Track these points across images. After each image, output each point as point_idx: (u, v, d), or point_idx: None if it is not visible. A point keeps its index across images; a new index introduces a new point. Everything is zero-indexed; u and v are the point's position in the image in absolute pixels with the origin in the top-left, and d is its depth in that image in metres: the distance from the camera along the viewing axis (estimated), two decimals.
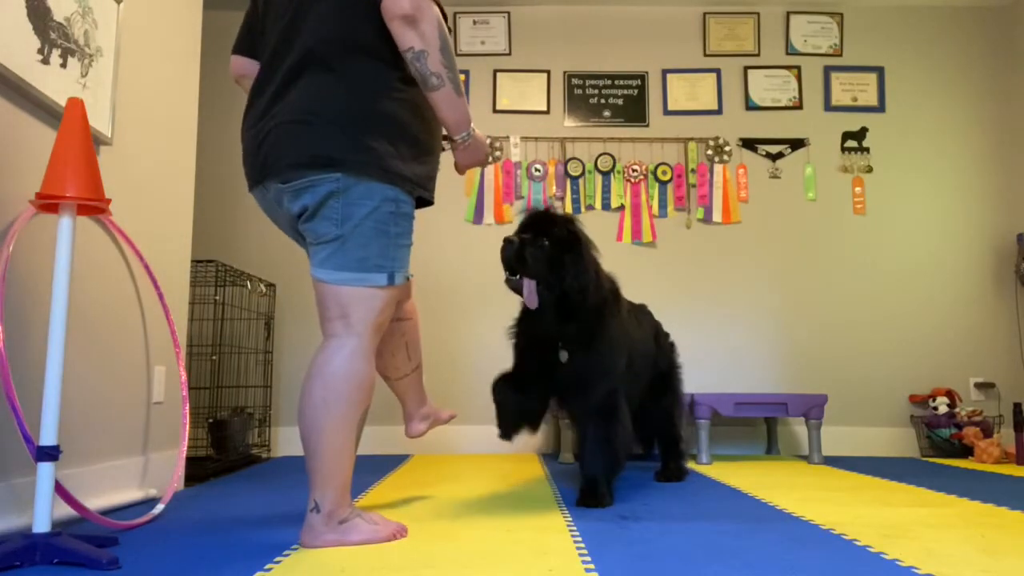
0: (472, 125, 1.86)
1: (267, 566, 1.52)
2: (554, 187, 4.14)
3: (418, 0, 1.67)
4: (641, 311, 2.89)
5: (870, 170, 4.19)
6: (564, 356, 2.32)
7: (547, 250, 2.22)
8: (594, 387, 2.33)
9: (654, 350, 2.82)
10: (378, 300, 1.76)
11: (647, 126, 4.22)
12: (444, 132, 1.90)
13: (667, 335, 3.04)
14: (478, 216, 4.12)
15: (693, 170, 4.16)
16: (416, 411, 2.34)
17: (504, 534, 1.85)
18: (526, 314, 2.37)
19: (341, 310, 1.73)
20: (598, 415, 2.32)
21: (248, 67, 1.94)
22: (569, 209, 4.11)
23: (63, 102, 1.75)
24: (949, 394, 3.89)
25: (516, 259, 2.19)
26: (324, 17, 1.74)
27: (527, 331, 2.42)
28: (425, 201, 1.90)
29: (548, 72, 4.25)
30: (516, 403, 2.41)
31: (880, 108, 4.23)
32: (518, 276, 2.21)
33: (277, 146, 1.73)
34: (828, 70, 4.25)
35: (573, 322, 2.29)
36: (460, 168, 1.98)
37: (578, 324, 2.29)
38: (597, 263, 2.36)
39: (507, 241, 2.19)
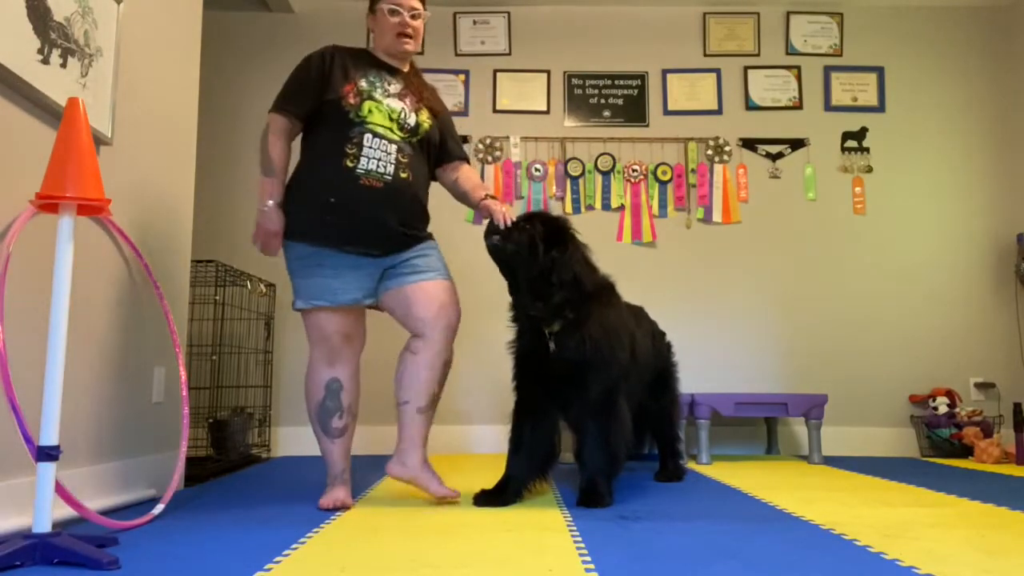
0: (261, 202, 2.28)
1: (267, 566, 1.52)
2: (554, 187, 4.14)
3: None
4: (638, 313, 2.89)
5: (870, 170, 4.19)
6: (553, 347, 2.29)
7: (537, 231, 2.26)
8: (590, 382, 2.29)
9: (652, 350, 2.81)
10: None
11: (647, 126, 4.22)
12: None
13: (663, 334, 3.04)
14: (478, 217, 4.12)
15: (693, 170, 4.16)
16: (403, 451, 2.33)
17: (504, 534, 1.85)
18: (519, 317, 2.39)
19: None
20: (596, 413, 2.31)
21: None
22: (569, 209, 4.11)
23: (63, 102, 1.75)
24: (949, 394, 3.89)
25: (505, 232, 2.26)
26: None
27: (523, 338, 2.40)
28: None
29: (548, 72, 4.25)
30: (528, 467, 2.38)
31: (880, 108, 4.23)
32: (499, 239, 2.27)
33: None
34: (828, 70, 4.26)
35: (560, 311, 2.27)
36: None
37: (568, 312, 2.27)
38: (587, 258, 2.36)
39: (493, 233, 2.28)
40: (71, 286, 1.64)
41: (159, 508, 2.11)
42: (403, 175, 2.30)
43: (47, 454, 1.56)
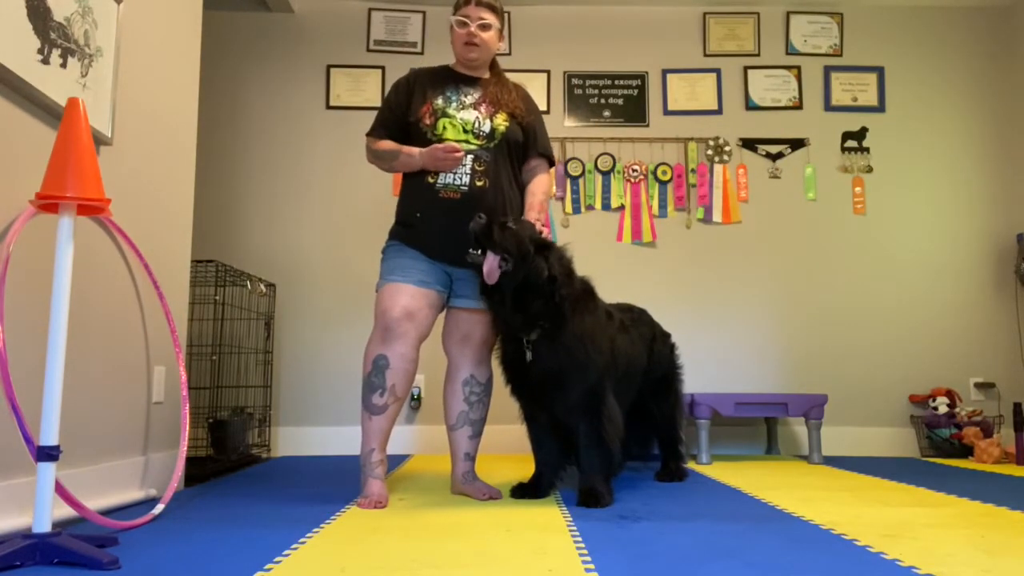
0: (410, 158, 2.44)
1: (267, 566, 1.52)
2: (554, 187, 4.14)
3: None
4: (636, 315, 2.87)
5: (870, 170, 4.19)
6: (529, 356, 2.31)
7: (516, 233, 2.21)
8: (571, 385, 2.31)
9: (646, 353, 2.79)
10: None
11: (647, 126, 4.22)
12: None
13: (667, 336, 3.03)
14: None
15: (693, 170, 4.16)
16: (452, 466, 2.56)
17: (504, 534, 1.85)
18: (497, 327, 2.41)
19: None
20: (584, 414, 2.32)
21: None
22: (569, 209, 4.11)
23: (63, 102, 1.75)
24: (949, 394, 3.89)
25: (483, 233, 2.18)
26: None
27: (503, 346, 2.43)
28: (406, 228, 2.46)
29: (548, 72, 4.25)
30: (555, 460, 2.48)
31: (880, 108, 4.23)
32: (481, 251, 2.19)
33: None
34: (828, 70, 4.26)
35: (537, 320, 2.27)
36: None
37: (543, 322, 2.28)
38: (568, 263, 2.35)
39: (478, 216, 2.19)
40: (71, 286, 1.64)
41: (159, 508, 2.11)
42: (479, 183, 2.39)
43: (47, 454, 1.56)
